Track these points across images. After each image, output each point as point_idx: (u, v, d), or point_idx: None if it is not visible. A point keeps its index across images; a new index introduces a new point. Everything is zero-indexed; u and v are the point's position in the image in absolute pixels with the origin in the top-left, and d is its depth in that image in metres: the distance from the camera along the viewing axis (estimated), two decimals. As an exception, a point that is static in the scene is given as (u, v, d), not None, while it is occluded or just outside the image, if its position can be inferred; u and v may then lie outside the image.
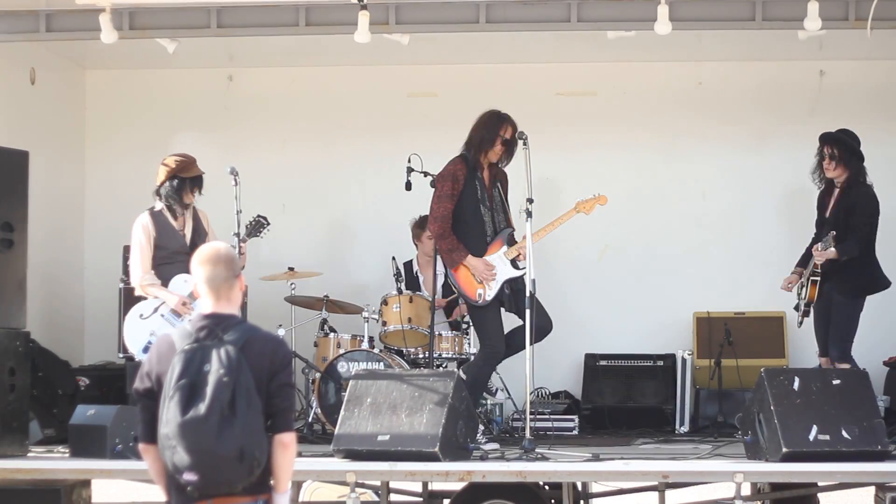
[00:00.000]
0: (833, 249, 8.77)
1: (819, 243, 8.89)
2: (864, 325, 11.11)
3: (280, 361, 5.12)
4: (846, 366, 8.90)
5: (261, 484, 5.08)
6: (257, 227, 9.22)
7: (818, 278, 9.03)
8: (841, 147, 9.18)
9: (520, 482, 8.22)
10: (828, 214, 9.23)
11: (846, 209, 9.10)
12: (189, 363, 4.99)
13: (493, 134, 8.98)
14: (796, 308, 9.36)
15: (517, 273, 8.83)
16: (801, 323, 9.38)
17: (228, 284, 5.16)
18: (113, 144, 11.68)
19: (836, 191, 9.22)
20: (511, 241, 8.91)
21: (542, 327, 8.75)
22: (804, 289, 9.21)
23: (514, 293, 8.86)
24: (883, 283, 9.26)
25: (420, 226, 10.60)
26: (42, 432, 9.42)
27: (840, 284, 9.06)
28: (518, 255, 8.83)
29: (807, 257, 9.34)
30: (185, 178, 8.86)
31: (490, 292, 8.86)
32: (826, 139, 9.23)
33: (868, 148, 11.32)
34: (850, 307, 9.11)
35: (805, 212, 10.94)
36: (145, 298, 8.79)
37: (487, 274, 8.83)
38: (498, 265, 8.88)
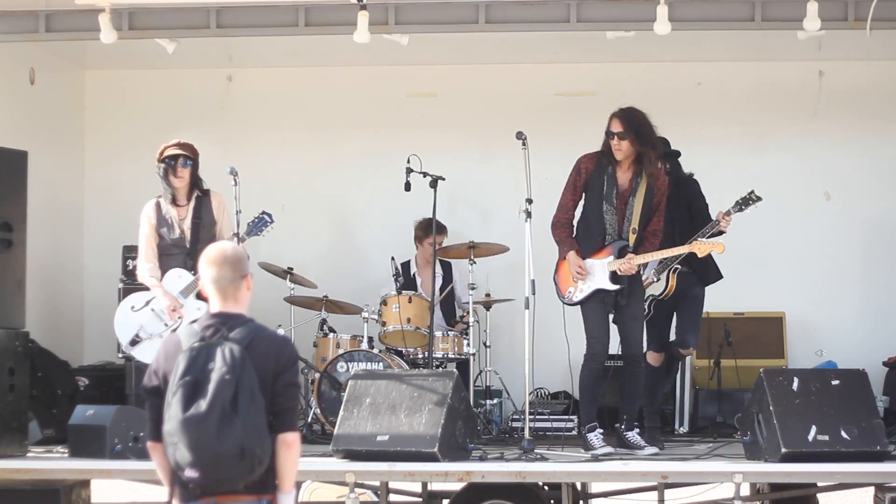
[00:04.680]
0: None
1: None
2: (864, 326, 11.17)
3: (285, 361, 5.13)
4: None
5: (264, 483, 5.08)
6: (259, 224, 9.04)
7: (678, 268, 9.06)
8: (671, 160, 9.16)
9: (519, 482, 8.22)
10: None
11: (687, 199, 9.18)
12: (194, 361, 5.01)
13: (607, 129, 8.69)
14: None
15: (611, 287, 8.55)
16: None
17: (235, 286, 5.17)
18: (112, 144, 11.68)
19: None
20: (620, 255, 8.57)
21: (631, 350, 8.73)
22: (660, 283, 9.11)
23: (621, 305, 8.64)
24: (718, 275, 9.36)
25: (423, 229, 10.57)
26: (41, 432, 9.42)
27: (700, 276, 9.17)
28: (619, 270, 8.53)
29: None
30: (162, 162, 8.90)
31: (579, 294, 8.63)
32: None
33: (868, 148, 11.38)
34: (703, 298, 9.26)
35: (804, 212, 10.97)
36: (146, 288, 8.86)
37: (577, 274, 8.59)
38: (597, 271, 8.60)
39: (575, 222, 8.80)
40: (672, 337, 9.39)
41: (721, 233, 8.89)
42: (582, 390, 8.78)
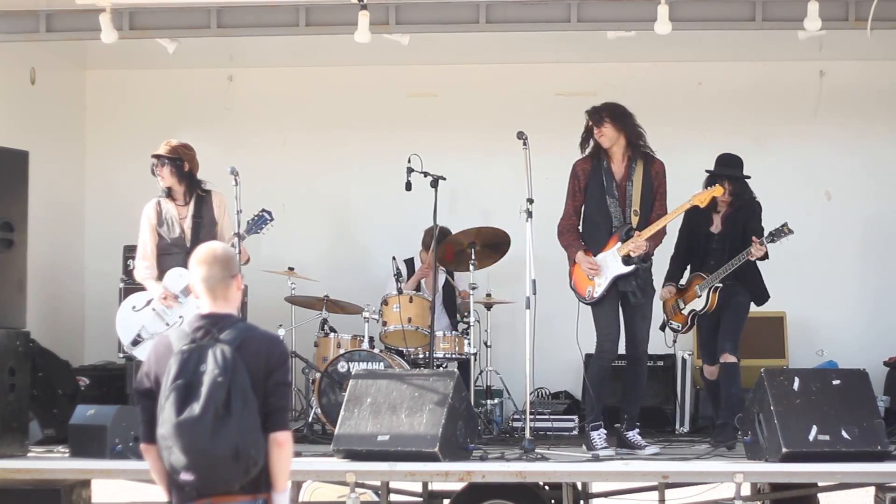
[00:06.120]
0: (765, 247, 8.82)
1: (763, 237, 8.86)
2: (865, 325, 11.17)
3: (276, 360, 5.13)
4: (734, 359, 8.97)
5: (259, 483, 5.08)
6: (259, 222, 8.99)
7: (720, 286, 9.09)
8: (737, 183, 9.15)
9: (520, 482, 8.21)
10: (717, 228, 9.20)
11: (744, 220, 9.11)
12: (185, 364, 5.02)
13: (586, 128, 8.84)
14: (666, 326, 9.41)
15: (626, 269, 8.60)
16: (675, 339, 9.46)
17: (224, 285, 5.18)
18: (113, 144, 11.69)
19: (724, 206, 9.20)
20: (627, 238, 8.64)
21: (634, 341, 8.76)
22: (702, 298, 9.17)
23: (631, 304, 8.70)
24: (767, 296, 9.33)
25: (430, 235, 10.52)
26: (42, 432, 9.41)
27: (742, 288, 9.12)
28: (630, 252, 8.58)
29: (676, 272, 9.33)
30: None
31: (598, 289, 8.66)
32: (723, 177, 9.08)
33: (868, 148, 11.38)
34: (746, 308, 9.19)
35: (805, 212, 10.97)
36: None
37: (589, 271, 8.65)
38: (609, 262, 8.65)
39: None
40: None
41: (751, 255, 8.90)
42: (589, 386, 8.79)
